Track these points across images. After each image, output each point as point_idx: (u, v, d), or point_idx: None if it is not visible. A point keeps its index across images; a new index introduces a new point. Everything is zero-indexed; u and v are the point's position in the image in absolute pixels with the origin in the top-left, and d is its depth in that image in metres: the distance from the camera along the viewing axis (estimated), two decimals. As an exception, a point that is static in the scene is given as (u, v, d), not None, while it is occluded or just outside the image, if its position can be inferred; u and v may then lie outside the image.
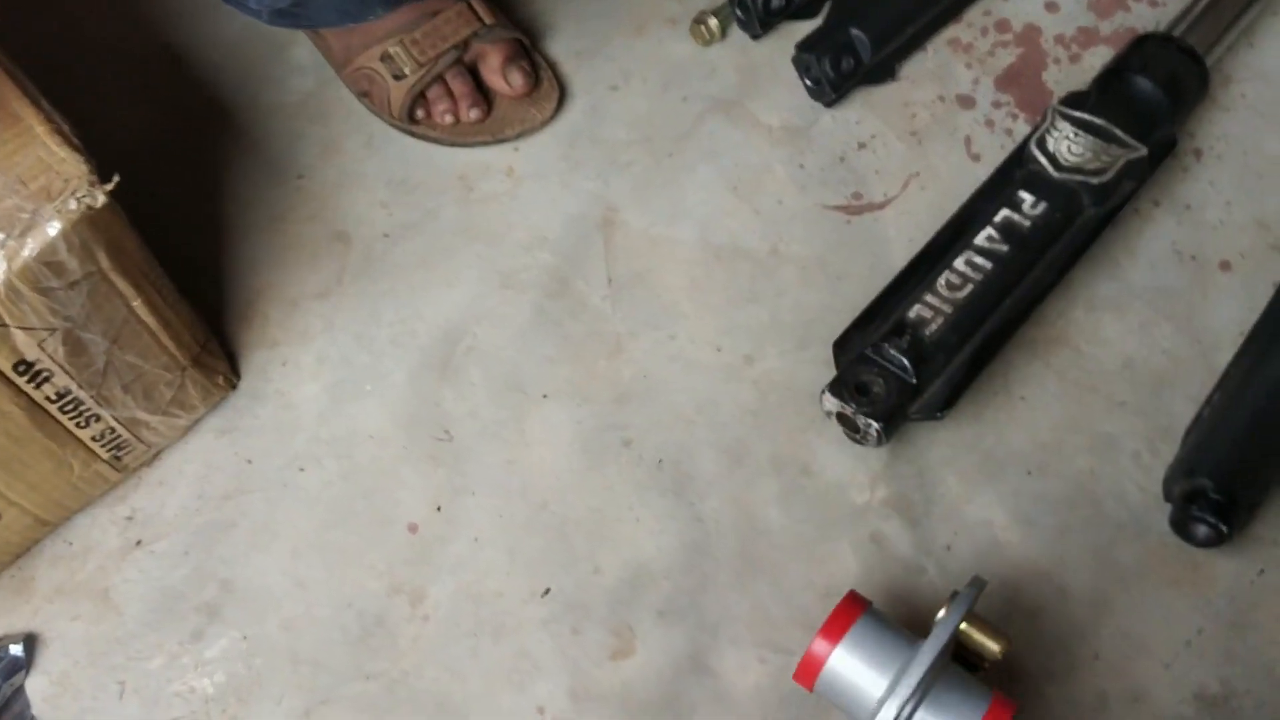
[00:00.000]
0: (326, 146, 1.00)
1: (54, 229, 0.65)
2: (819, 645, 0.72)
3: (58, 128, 0.68)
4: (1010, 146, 0.99)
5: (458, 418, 0.90)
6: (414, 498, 0.87)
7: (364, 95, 0.99)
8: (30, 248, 0.65)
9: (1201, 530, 0.83)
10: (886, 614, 0.75)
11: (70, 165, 0.66)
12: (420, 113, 0.98)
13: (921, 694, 0.70)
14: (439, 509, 0.87)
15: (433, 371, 0.91)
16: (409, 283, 0.95)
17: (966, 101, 1.03)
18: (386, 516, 0.87)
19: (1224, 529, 0.81)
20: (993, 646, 0.73)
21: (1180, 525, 0.84)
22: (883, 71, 1.03)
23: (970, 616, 0.73)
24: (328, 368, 0.92)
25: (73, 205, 0.65)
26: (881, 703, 0.70)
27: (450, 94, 0.98)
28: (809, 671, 0.73)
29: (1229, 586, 0.85)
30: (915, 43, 1.04)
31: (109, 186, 0.66)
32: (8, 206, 0.65)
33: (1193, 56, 0.96)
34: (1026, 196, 0.90)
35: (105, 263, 0.70)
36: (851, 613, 0.73)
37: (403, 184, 0.99)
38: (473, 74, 0.99)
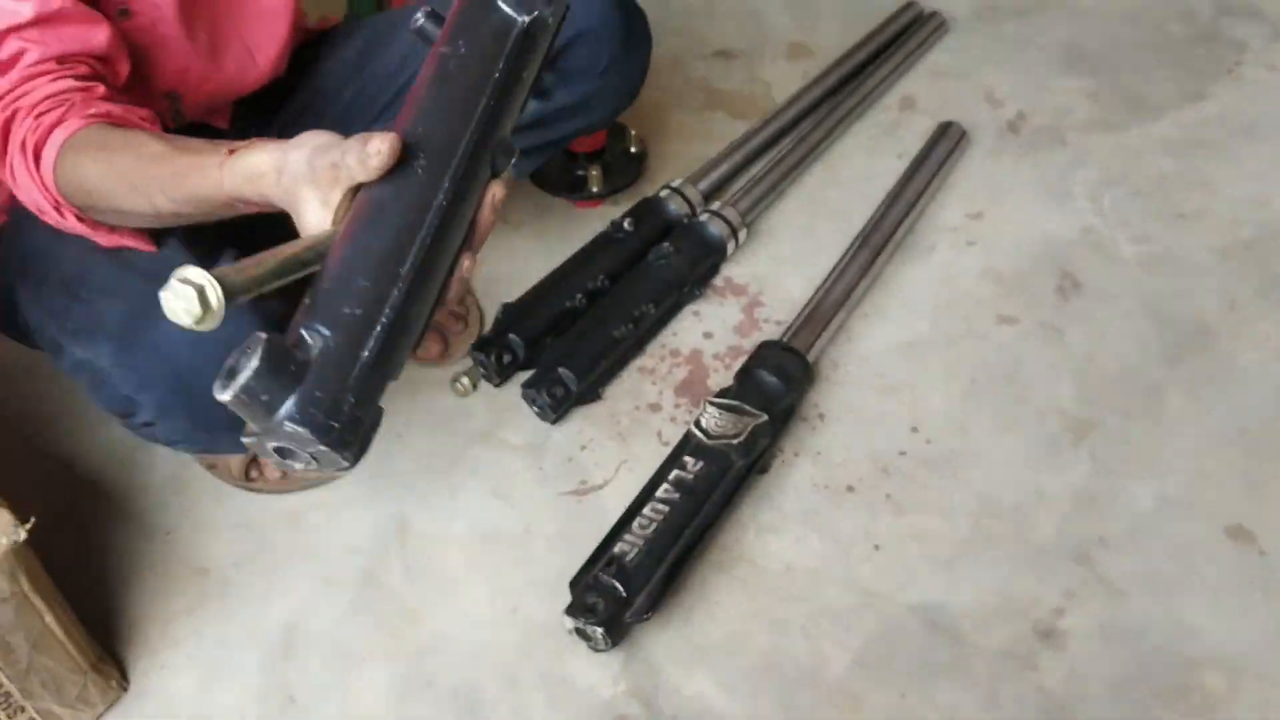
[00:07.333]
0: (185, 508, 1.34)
1: (-10, 558, 0.97)
2: None
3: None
4: (689, 432, 1.38)
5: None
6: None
7: (211, 468, 1.34)
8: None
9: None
10: None
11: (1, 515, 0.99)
12: (254, 471, 1.33)
13: None
14: (288, 755, 1.14)
15: (278, 658, 1.21)
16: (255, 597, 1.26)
17: (655, 407, 1.43)
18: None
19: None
20: None
21: None
22: (590, 395, 1.42)
23: None
24: (198, 664, 1.21)
25: (2, 541, 0.97)
26: None
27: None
28: None
29: None
30: (611, 373, 1.45)
31: (28, 525, 0.98)
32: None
33: (796, 353, 1.39)
34: (689, 459, 1.28)
35: (25, 585, 1.00)
36: None
37: (247, 526, 1.32)
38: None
